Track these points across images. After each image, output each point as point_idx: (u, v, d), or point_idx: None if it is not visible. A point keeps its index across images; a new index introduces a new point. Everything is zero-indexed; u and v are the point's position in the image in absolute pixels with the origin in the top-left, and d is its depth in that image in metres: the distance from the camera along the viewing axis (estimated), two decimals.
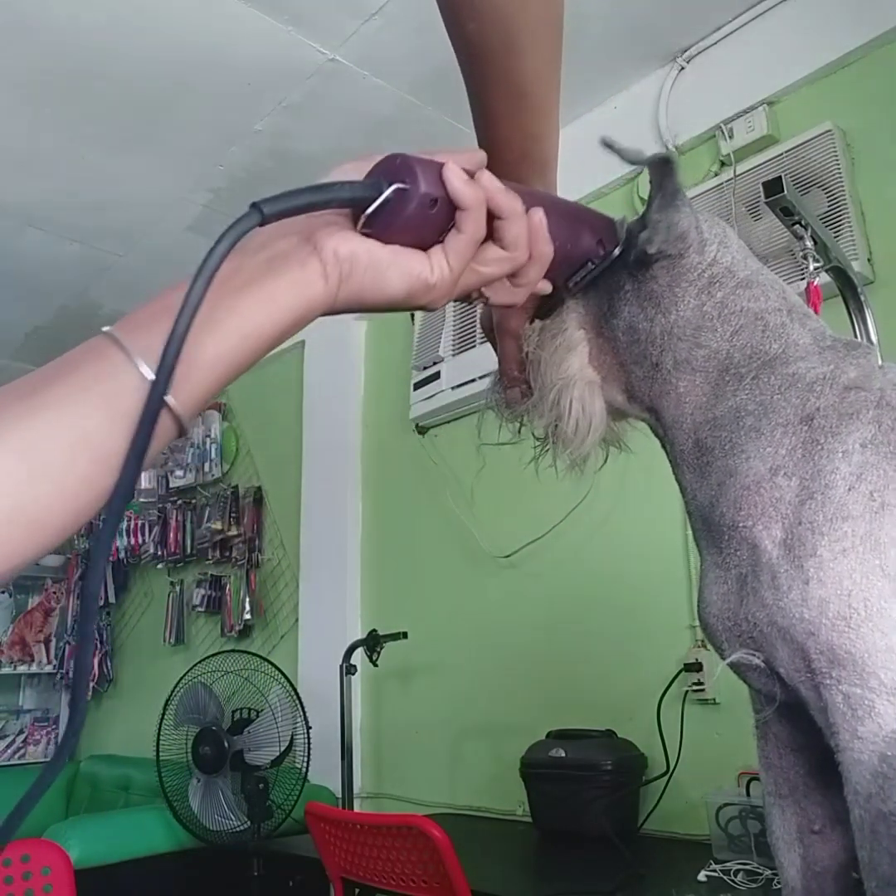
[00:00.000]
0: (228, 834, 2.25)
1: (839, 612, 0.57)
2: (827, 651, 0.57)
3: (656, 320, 0.70)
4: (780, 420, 0.63)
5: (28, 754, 4.14)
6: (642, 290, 0.71)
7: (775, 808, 0.71)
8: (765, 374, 0.66)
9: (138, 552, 3.85)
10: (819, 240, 1.16)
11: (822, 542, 0.58)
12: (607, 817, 1.81)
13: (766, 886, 1.45)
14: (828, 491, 0.59)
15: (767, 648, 0.62)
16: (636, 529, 2.16)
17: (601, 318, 0.73)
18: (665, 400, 0.71)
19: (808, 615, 0.58)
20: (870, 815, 0.55)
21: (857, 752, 0.56)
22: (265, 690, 2.36)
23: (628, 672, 2.12)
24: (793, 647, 0.59)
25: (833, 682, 0.57)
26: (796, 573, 0.59)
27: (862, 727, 0.55)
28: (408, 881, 1.50)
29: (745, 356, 0.67)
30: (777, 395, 0.64)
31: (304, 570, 3.09)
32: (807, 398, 0.63)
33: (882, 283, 1.82)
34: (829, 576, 0.57)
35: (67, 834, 2.15)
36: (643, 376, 0.72)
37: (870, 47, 1.91)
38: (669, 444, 0.73)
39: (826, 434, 0.60)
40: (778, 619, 0.59)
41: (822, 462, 0.60)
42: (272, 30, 2.08)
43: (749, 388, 0.66)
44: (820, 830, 0.69)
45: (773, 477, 0.62)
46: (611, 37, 2.17)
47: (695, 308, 0.69)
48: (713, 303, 0.69)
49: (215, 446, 3.60)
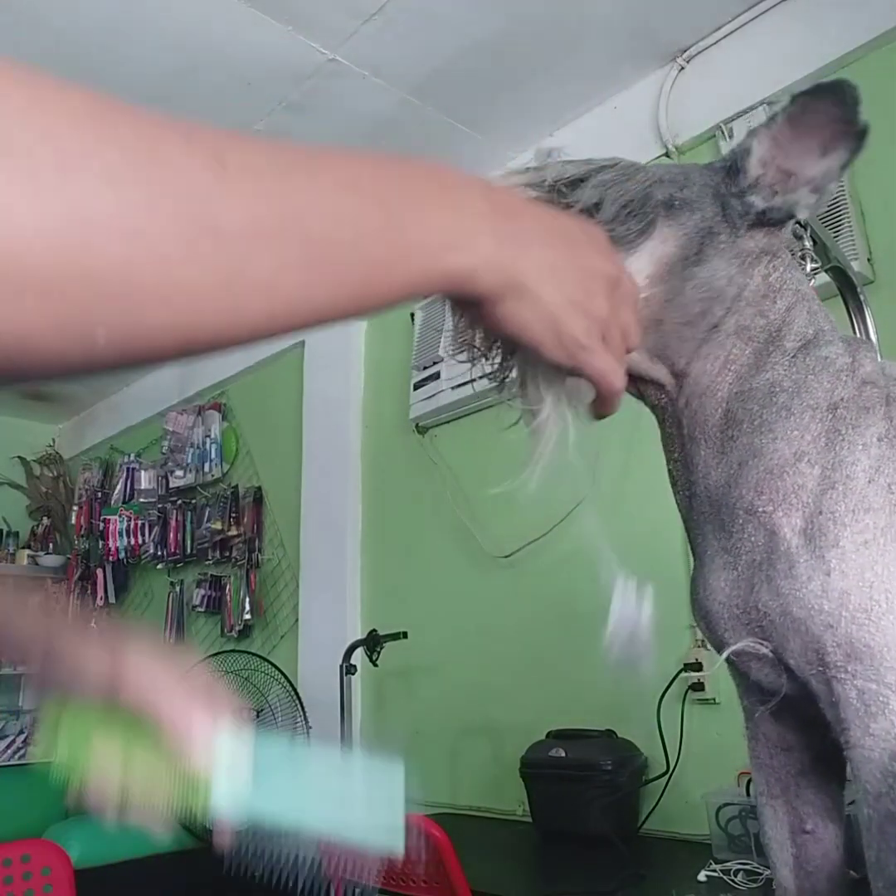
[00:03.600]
0: None
1: (860, 605, 0.56)
2: (845, 644, 0.56)
3: (734, 280, 0.68)
4: (811, 402, 0.63)
5: (28, 754, 4.13)
6: (736, 246, 0.68)
7: (767, 809, 0.71)
8: (802, 353, 0.66)
9: (138, 552, 3.84)
10: (818, 240, 1.16)
11: (845, 533, 0.57)
12: (607, 817, 1.81)
13: (766, 886, 1.45)
14: (849, 482, 0.59)
15: (777, 638, 0.61)
16: (636, 529, 2.16)
17: (679, 264, 0.68)
18: (709, 363, 0.68)
19: (827, 607, 0.57)
20: (879, 814, 0.54)
21: (867, 750, 0.55)
22: (265, 690, 2.36)
23: (628, 672, 2.11)
24: (807, 638, 0.58)
25: (848, 676, 0.56)
26: (817, 563, 0.58)
27: (875, 724, 0.55)
28: (408, 881, 1.50)
29: (792, 332, 0.67)
30: (811, 375, 0.64)
31: (304, 570, 3.09)
32: (835, 385, 0.63)
33: (882, 283, 1.82)
34: (852, 567, 0.57)
35: (67, 834, 2.15)
36: (690, 337, 0.69)
37: (869, 47, 1.91)
38: (689, 415, 0.70)
39: (847, 426, 0.61)
40: (794, 610, 0.59)
41: (843, 453, 0.60)
42: (272, 30, 2.08)
43: (788, 364, 0.66)
44: (812, 830, 0.69)
45: (798, 463, 0.61)
46: (611, 37, 2.17)
47: (764, 277, 0.69)
48: (776, 276, 0.69)
49: (215, 446, 3.60)
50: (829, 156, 0.66)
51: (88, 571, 4.14)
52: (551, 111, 2.46)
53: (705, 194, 0.69)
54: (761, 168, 0.66)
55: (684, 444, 0.71)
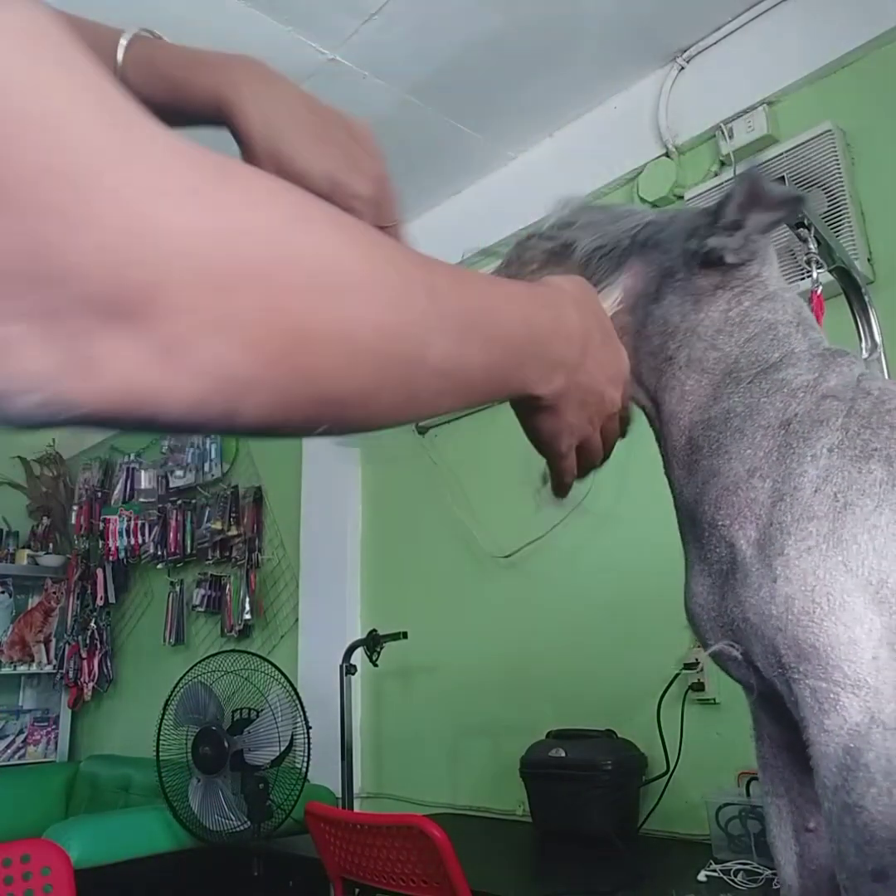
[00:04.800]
0: (228, 834, 2.25)
1: (803, 608, 0.59)
2: (794, 646, 0.59)
3: (688, 316, 0.72)
4: (763, 423, 0.66)
5: (28, 754, 4.13)
6: (690, 284, 0.72)
7: (772, 808, 0.72)
8: (758, 378, 0.68)
9: (138, 552, 3.84)
10: (822, 240, 1.16)
11: (789, 542, 0.60)
12: (607, 817, 1.81)
13: (766, 886, 1.45)
14: (796, 493, 0.61)
15: (745, 643, 0.64)
16: (636, 529, 2.16)
17: (642, 299, 0.74)
18: (668, 394, 0.73)
19: (775, 611, 0.60)
20: (836, 807, 0.56)
21: (823, 746, 0.57)
22: (265, 690, 2.36)
23: (628, 672, 2.12)
24: (765, 642, 0.61)
25: (801, 676, 0.59)
26: (766, 571, 0.61)
27: (828, 720, 0.57)
28: (408, 881, 1.50)
29: (750, 362, 0.70)
30: (764, 398, 0.67)
31: (304, 570, 3.09)
32: (789, 403, 0.65)
33: (882, 283, 1.82)
34: (795, 573, 0.59)
35: (67, 834, 2.15)
36: (653, 367, 0.73)
37: (870, 47, 1.91)
38: (664, 438, 0.74)
39: (799, 439, 0.63)
40: (751, 616, 0.62)
41: (792, 465, 0.62)
42: (272, 30, 2.08)
43: (743, 391, 0.68)
44: (815, 829, 0.70)
45: (750, 478, 0.64)
46: (611, 37, 2.17)
47: (722, 312, 0.72)
48: (739, 310, 0.72)
49: (215, 446, 3.60)
50: (768, 212, 0.69)
51: (88, 571, 4.14)
52: (551, 111, 2.46)
53: (678, 236, 0.73)
54: (738, 213, 0.69)
55: (665, 463, 0.76)
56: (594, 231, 0.76)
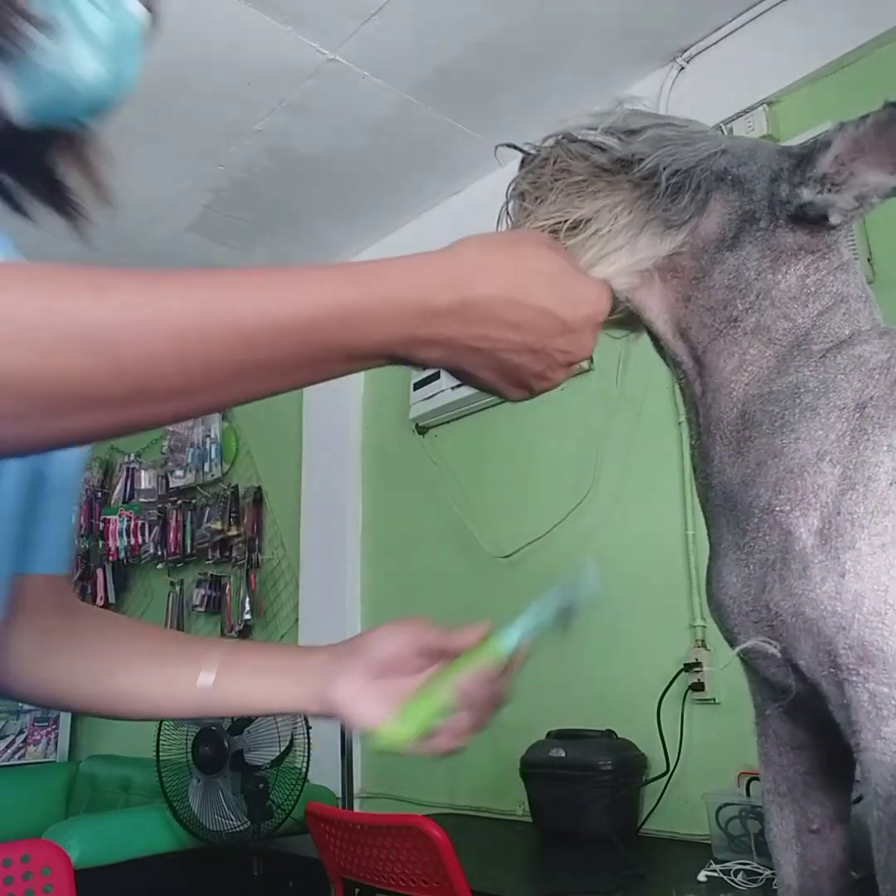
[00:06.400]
0: (228, 834, 2.24)
1: (874, 608, 0.55)
2: (857, 647, 0.56)
3: (763, 275, 0.65)
4: (839, 402, 0.61)
5: (28, 754, 4.13)
6: (774, 237, 0.65)
7: (773, 806, 0.70)
8: (832, 353, 0.63)
9: (138, 552, 3.84)
10: None
11: (862, 535, 0.56)
12: (607, 817, 1.81)
13: (766, 886, 1.45)
14: (870, 483, 0.57)
15: (788, 639, 0.60)
16: (636, 529, 2.16)
17: (714, 244, 0.66)
18: (725, 360, 0.66)
19: (840, 608, 0.56)
20: (889, 817, 0.54)
21: (879, 753, 0.55)
22: None
23: (628, 672, 2.12)
24: (819, 640, 0.58)
25: (860, 679, 0.56)
26: (832, 564, 0.57)
27: (886, 727, 0.54)
28: (408, 881, 1.50)
29: (822, 335, 0.64)
30: (841, 374, 0.62)
31: (304, 570, 3.09)
32: (866, 384, 0.61)
33: (882, 283, 1.82)
34: (867, 570, 0.56)
35: (67, 834, 2.15)
36: (710, 324, 0.66)
37: (869, 47, 1.91)
38: (704, 407, 0.68)
39: (875, 425, 0.59)
40: (806, 611, 0.58)
41: (867, 453, 0.58)
42: (272, 30, 2.08)
43: (815, 365, 0.63)
44: (818, 830, 0.68)
45: (819, 462, 0.60)
46: (611, 37, 2.17)
47: (800, 277, 0.65)
48: (816, 277, 0.65)
49: (215, 446, 3.60)
50: (894, 174, 0.61)
51: (88, 571, 4.14)
52: (551, 111, 2.45)
53: (762, 175, 0.65)
54: (834, 165, 0.62)
55: (700, 434, 0.69)
56: (668, 150, 0.65)
